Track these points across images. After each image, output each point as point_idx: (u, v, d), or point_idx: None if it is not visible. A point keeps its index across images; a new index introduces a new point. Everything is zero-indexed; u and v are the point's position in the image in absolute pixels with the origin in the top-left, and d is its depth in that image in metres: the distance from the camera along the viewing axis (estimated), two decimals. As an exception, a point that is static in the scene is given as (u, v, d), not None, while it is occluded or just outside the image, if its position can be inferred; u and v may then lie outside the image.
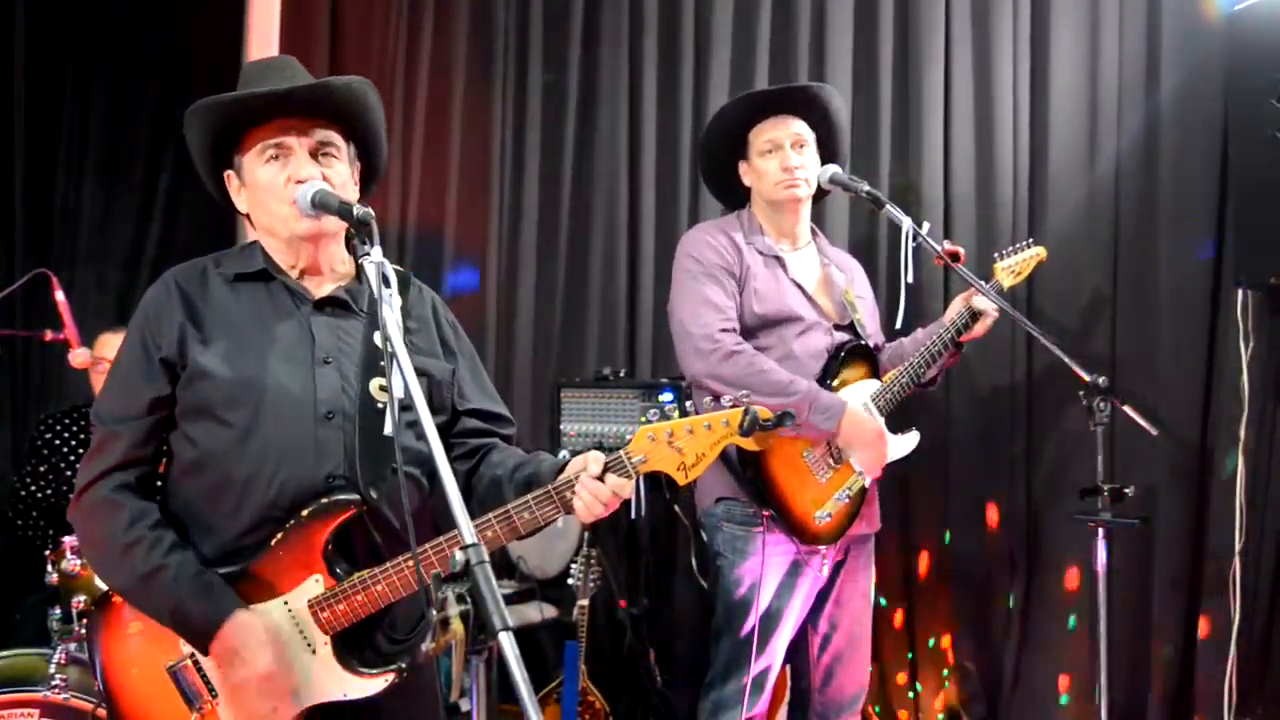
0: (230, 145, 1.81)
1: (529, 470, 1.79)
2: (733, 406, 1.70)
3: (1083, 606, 3.24)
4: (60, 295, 3.01)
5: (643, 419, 1.73)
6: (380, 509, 1.75)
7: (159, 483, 1.82)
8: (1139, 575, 3.24)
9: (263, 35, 4.63)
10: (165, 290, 1.80)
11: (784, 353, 2.63)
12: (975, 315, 2.72)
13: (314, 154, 1.77)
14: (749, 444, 1.74)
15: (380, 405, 1.74)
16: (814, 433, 2.56)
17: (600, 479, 1.66)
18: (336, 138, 1.81)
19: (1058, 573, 3.41)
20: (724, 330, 2.59)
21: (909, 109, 3.68)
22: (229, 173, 1.84)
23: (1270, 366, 3.08)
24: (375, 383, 1.76)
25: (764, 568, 2.58)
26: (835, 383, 2.66)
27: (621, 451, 1.71)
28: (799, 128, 2.74)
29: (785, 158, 2.70)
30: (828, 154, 2.80)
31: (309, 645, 1.70)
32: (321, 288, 1.84)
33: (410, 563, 1.66)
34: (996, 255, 2.88)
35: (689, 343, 2.61)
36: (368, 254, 1.53)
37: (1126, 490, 2.66)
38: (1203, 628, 3.15)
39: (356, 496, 1.71)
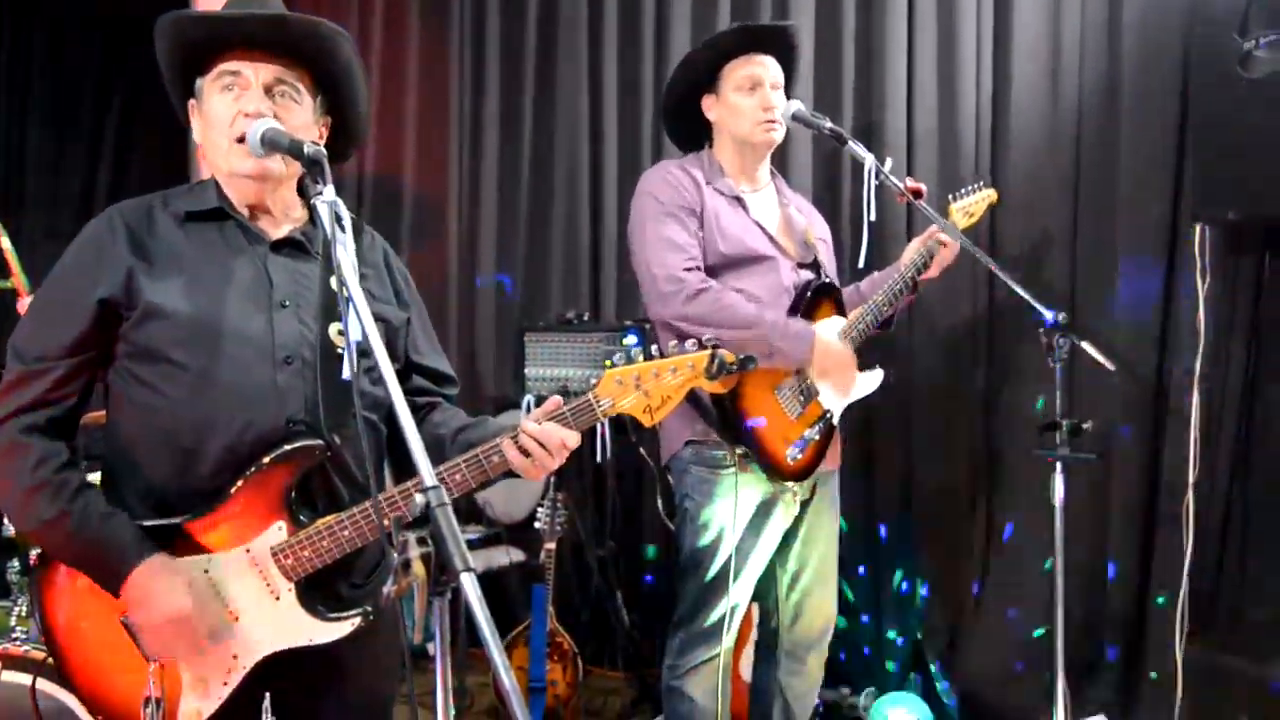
0: (194, 70, 1.73)
1: (475, 434, 1.79)
2: (698, 350, 1.69)
3: (1041, 539, 3.30)
4: (6, 242, 2.95)
5: (608, 363, 1.73)
6: (342, 455, 1.73)
7: (107, 424, 1.76)
8: (1096, 508, 3.30)
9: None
10: (108, 225, 1.70)
11: (750, 292, 2.61)
12: (927, 263, 2.73)
13: (269, 91, 1.69)
14: (715, 387, 1.73)
15: (340, 351, 1.71)
16: (786, 361, 2.56)
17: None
18: (298, 81, 1.72)
19: (1017, 507, 3.46)
20: (688, 269, 2.56)
21: (871, 45, 3.64)
22: (193, 101, 1.77)
23: (1226, 303, 3.11)
24: (334, 328, 1.72)
25: (736, 507, 2.59)
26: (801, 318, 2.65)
27: (590, 395, 1.71)
28: (777, 70, 2.69)
29: (765, 98, 2.64)
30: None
31: (272, 592, 1.69)
32: (277, 229, 1.78)
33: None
34: (951, 197, 2.88)
35: (653, 285, 2.58)
36: (320, 194, 1.47)
37: (1084, 425, 2.69)
38: (1156, 559, 3.22)
39: (320, 442, 1.68)
